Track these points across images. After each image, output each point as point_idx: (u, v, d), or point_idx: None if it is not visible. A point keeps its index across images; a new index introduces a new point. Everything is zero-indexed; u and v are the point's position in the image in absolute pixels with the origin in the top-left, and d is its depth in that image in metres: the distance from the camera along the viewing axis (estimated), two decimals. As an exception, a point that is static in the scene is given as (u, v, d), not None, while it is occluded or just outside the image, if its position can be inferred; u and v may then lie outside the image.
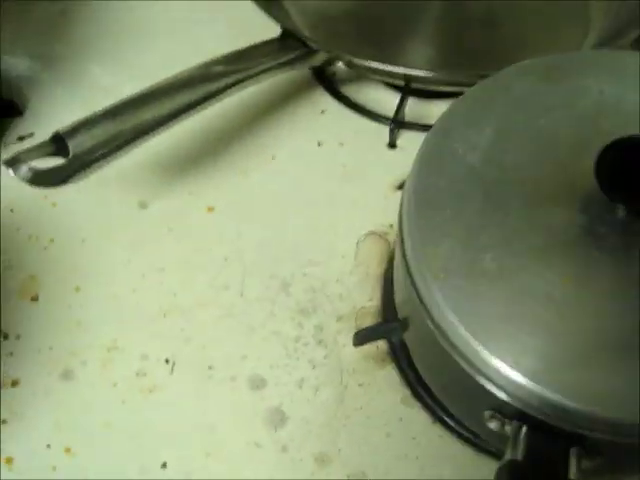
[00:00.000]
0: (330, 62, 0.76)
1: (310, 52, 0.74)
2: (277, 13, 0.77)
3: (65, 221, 0.74)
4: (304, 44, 0.74)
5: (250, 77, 0.72)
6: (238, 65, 0.71)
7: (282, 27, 0.75)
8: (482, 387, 0.48)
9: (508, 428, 0.50)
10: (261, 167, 0.77)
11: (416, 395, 0.64)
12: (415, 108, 0.83)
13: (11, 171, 0.59)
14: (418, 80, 0.77)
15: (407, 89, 0.79)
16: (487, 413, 0.51)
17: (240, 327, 0.67)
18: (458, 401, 0.59)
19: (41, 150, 0.62)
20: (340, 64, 0.75)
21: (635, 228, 0.47)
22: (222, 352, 0.66)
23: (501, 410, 0.50)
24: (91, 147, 0.63)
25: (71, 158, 0.62)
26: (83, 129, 0.63)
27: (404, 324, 0.59)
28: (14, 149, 0.66)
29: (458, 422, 0.62)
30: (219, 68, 0.70)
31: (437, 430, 0.62)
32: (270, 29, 0.75)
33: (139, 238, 0.73)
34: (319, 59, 0.75)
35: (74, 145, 0.62)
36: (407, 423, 0.63)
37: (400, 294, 0.59)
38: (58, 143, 0.63)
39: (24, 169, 0.60)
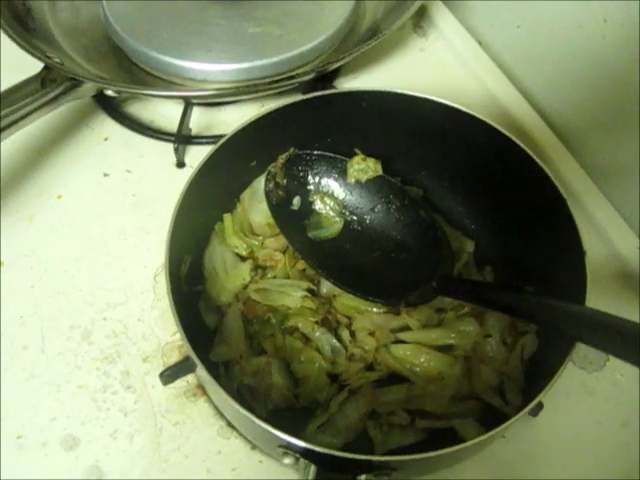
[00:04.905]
0: (101, 91, 0.72)
1: (76, 84, 0.70)
2: (36, 48, 0.72)
3: None
4: (69, 77, 0.70)
5: (14, 123, 0.67)
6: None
7: (44, 62, 0.71)
8: (267, 431, 0.49)
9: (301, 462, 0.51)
10: (47, 210, 0.74)
11: (231, 424, 0.64)
12: (203, 118, 0.81)
13: None
14: (198, 99, 0.75)
15: (189, 103, 0.76)
16: (279, 450, 0.52)
17: (46, 387, 0.65)
18: (257, 439, 0.59)
19: None
20: (110, 92, 0.72)
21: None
22: (31, 417, 0.64)
23: (289, 447, 0.51)
24: None
25: None
26: None
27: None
28: None
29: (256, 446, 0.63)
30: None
31: (257, 456, 0.63)
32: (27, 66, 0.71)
33: None
34: (88, 90, 0.72)
35: None
36: (226, 455, 0.63)
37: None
38: None
39: None
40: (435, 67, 0.87)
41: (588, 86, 0.78)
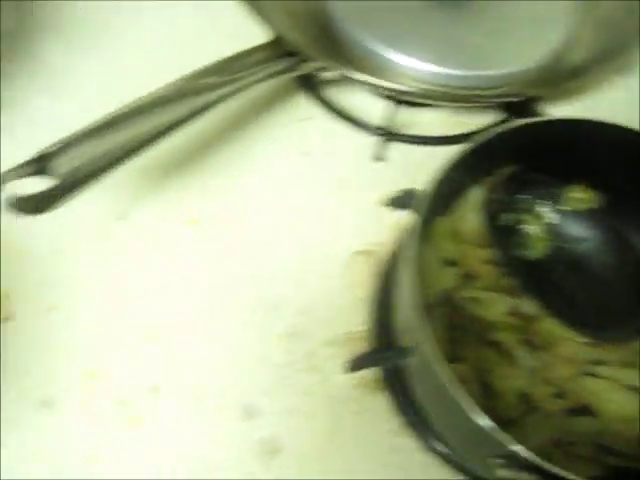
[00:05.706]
0: (319, 70, 0.73)
1: (303, 60, 0.71)
2: (267, 17, 0.73)
3: (39, 232, 0.69)
4: (296, 52, 0.70)
5: (242, 88, 0.68)
6: (229, 75, 0.67)
7: (275, 32, 0.71)
8: (489, 435, 0.49)
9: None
10: (249, 177, 0.74)
11: (410, 423, 0.63)
12: (402, 116, 0.81)
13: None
14: (414, 95, 0.75)
15: (399, 100, 0.76)
16: (496, 461, 0.51)
17: (227, 353, 0.65)
18: (463, 442, 0.59)
19: (23, 170, 0.57)
20: (331, 74, 0.72)
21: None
22: (210, 380, 0.64)
23: (512, 459, 0.50)
24: (77, 167, 0.59)
25: (57, 182, 0.57)
26: (68, 149, 0.58)
27: (405, 352, 0.59)
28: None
29: (454, 450, 0.62)
30: (209, 80, 0.66)
31: (429, 459, 0.62)
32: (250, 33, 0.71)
33: (118, 252, 0.70)
34: (310, 68, 0.72)
35: (59, 165, 0.58)
36: (401, 453, 0.62)
37: (403, 320, 0.59)
38: (40, 163, 0.58)
39: (9, 195, 0.55)
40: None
41: None
